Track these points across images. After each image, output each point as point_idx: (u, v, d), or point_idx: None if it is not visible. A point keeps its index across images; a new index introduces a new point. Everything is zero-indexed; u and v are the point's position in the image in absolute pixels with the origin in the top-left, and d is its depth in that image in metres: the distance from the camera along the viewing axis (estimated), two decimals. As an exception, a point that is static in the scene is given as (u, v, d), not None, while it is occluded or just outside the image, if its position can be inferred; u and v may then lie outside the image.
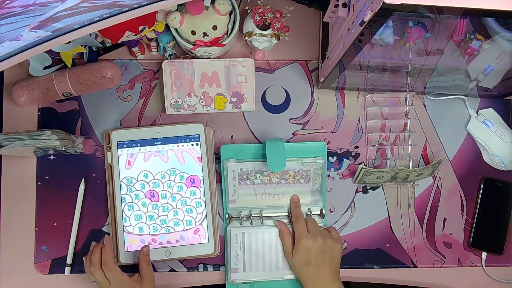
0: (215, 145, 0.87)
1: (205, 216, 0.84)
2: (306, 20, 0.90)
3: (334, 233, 0.83)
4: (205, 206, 0.84)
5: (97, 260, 0.78)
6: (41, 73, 0.82)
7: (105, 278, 0.77)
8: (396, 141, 0.89)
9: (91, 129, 0.87)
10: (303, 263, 0.79)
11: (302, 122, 0.89)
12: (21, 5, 0.55)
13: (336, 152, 0.88)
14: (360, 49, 0.65)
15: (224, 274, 0.85)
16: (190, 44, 0.81)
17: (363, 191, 0.88)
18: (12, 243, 0.84)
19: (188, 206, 0.84)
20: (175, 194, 0.84)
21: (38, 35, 0.53)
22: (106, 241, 0.80)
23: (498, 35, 0.68)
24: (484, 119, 0.89)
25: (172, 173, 0.84)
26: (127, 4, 0.54)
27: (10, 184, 0.85)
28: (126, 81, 0.88)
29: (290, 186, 0.85)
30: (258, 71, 0.89)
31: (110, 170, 0.84)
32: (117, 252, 0.82)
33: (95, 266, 0.77)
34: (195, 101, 0.86)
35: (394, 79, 0.84)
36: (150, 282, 0.78)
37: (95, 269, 0.77)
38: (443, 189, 0.89)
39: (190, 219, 0.84)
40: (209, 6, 0.77)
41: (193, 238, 0.84)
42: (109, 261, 0.78)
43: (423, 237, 0.87)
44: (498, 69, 0.78)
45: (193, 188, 0.84)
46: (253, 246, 0.84)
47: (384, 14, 0.52)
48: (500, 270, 0.88)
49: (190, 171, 0.84)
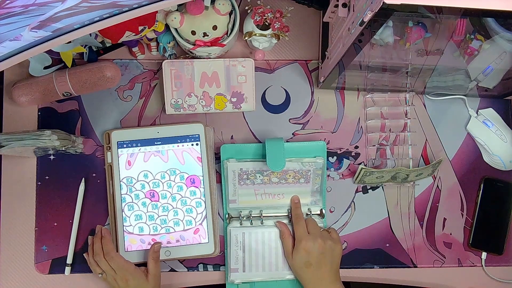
0: (215, 145, 0.87)
1: (205, 216, 0.84)
2: (306, 20, 0.90)
3: (334, 234, 0.83)
4: (205, 206, 0.84)
5: (100, 249, 0.79)
6: (41, 73, 0.82)
7: (110, 267, 0.78)
8: (396, 141, 0.89)
9: (91, 129, 0.87)
10: (303, 264, 0.79)
11: (302, 122, 0.89)
12: (21, 5, 0.55)
13: (336, 152, 0.88)
14: (360, 49, 0.65)
15: (224, 274, 0.85)
16: (190, 44, 0.81)
17: (363, 191, 0.88)
18: (12, 243, 0.84)
19: (188, 206, 0.84)
20: (175, 194, 0.84)
21: (38, 35, 0.53)
22: (105, 232, 0.82)
23: (498, 35, 0.68)
24: (484, 119, 0.89)
25: (172, 173, 0.84)
26: (127, 4, 0.54)
27: (10, 184, 0.85)
28: (126, 81, 0.88)
29: (290, 186, 0.85)
30: (258, 71, 0.89)
31: (110, 170, 0.84)
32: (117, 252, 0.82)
33: (99, 256, 0.79)
34: (195, 101, 0.86)
35: (394, 79, 0.84)
36: (155, 279, 0.79)
37: (99, 258, 0.78)
38: (443, 189, 0.89)
39: (190, 219, 0.84)
40: (209, 6, 0.77)
41: (193, 238, 0.84)
42: (111, 250, 0.79)
43: (423, 237, 0.87)
44: (498, 69, 0.78)
45: (193, 188, 0.84)
46: (253, 246, 0.84)
47: (384, 14, 0.52)
48: (500, 270, 0.88)
49: (190, 171, 0.84)
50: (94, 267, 0.79)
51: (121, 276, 0.77)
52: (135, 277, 0.78)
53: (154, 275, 0.79)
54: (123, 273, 0.78)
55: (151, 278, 0.78)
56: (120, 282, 0.77)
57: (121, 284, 0.77)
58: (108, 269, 0.78)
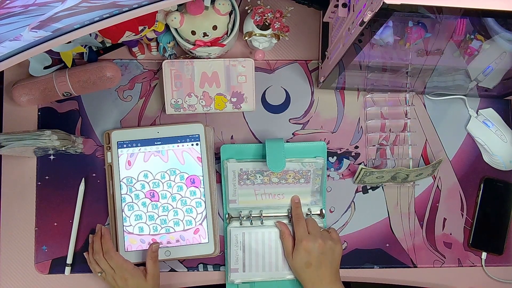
0: (215, 145, 0.87)
1: (205, 216, 0.84)
2: (306, 20, 0.90)
3: (334, 234, 0.83)
4: (205, 206, 0.84)
5: (100, 248, 0.80)
6: (41, 73, 0.82)
7: (109, 266, 0.78)
8: (396, 141, 0.89)
9: (91, 129, 0.87)
10: (303, 264, 0.79)
11: (302, 122, 0.89)
12: (21, 5, 0.55)
13: (336, 152, 0.88)
14: (360, 49, 0.65)
15: (224, 274, 0.85)
16: (190, 44, 0.81)
17: (363, 191, 0.88)
18: (12, 243, 0.84)
19: (188, 206, 0.84)
20: (175, 194, 0.84)
21: (38, 35, 0.53)
22: (104, 231, 0.82)
23: (498, 35, 0.68)
24: (484, 119, 0.89)
25: (172, 173, 0.84)
26: (127, 4, 0.54)
27: (10, 184, 0.85)
28: (126, 81, 0.88)
29: (290, 186, 0.85)
30: (258, 71, 0.89)
31: (110, 170, 0.84)
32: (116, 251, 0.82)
33: (98, 254, 0.79)
34: (195, 101, 0.86)
35: (394, 79, 0.84)
36: (154, 279, 0.79)
37: (99, 257, 0.79)
38: (443, 189, 0.89)
39: (190, 219, 0.84)
40: (209, 6, 0.77)
41: (193, 238, 0.84)
42: (111, 249, 0.80)
43: (423, 237, 0.87)
44: (498, 69, 0.78)
45: (193, 188, 0.84)
46: (253, 246, 0.84)
47: (384, 14, 0.52)
48: (500, 270, 0.88)
49: (190, 171, 0.84)
50: (94, 266, 0.80)
51: (120, 275, 0.78)
52: (134, 276, 0.78)
53: (153, 275, 0.79)
54: (122, 273, 0.78)
55: (150, 278, 0.78)
56: (119, 281, 0.77)
57: (120, 284, 0.77)
58: (107, 268, 0.78)
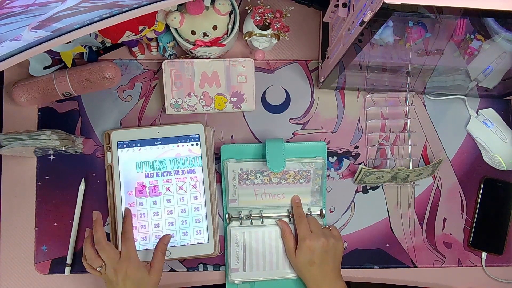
0: (215, 145, 0.87)
1: (205, 216, 0.84)
2: (306, 20, 0.90)
3: (335, 231, 0.83)
4: (205, 206, 0.84)
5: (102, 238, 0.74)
6: (41, 73, 0.82)
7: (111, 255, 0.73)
8: (396, 141, 0.89)
9: (91, 129, 0.87)
10: (307, 263, 0.79)
11: (302, 122, 0.89)
12: (21, 5, 0.55)
13: (336, 152, 0.88)
14: (360, 49, 0.65)
15: (224, 274, 0.85)
16: (190, 44, 0.81)
17: (363, 191, 0.88)
18: (12, 243, 0.84)
19: (188, 206, 0.84)
20: (175, 194, 0.84)
21: (38, 35, 0.53)
22: (96, 216, 0.76)
23: (498, 35, 0.68)
24: (484, 119, 0.89)
25: (172, 173, 0.84)
26: (127, 4, 0.54)
27: (10, 184, 0.85)
28: (126, 81, 0.88)
29: (290, 186, 0.85)
30: (258, 71, 0.89)
31: (110, 170, 0.84)
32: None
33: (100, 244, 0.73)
34: (195, 101, 0.86)
35: (394, 79, 0.84)
36: (157, 274, 0.75)
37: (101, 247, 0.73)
38: (443, 189, 0.89)
39: (190, 219, 0.84)
40: (209, 6, 0.77)
41: (193, 238, 0.84)
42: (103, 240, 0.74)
43: (423, 237, 0.87)
44: (498, 69, 0.78)
45: (193, 188, 0.84)
46: (253, 246, 0.84)
47: (384, 14, 0.52)
48: (500, 270, 0.88)
49: (190, 171, 0.84)
50: (93, 260, 0.73)
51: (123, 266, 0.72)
52: (139, 269, 0.73)
53: (158, 270, 0.75)
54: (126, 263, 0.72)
55: (154, 272, 0.74)
56: (120, 274, 0.71)
57: (119, 277, 0.71)
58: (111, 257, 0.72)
